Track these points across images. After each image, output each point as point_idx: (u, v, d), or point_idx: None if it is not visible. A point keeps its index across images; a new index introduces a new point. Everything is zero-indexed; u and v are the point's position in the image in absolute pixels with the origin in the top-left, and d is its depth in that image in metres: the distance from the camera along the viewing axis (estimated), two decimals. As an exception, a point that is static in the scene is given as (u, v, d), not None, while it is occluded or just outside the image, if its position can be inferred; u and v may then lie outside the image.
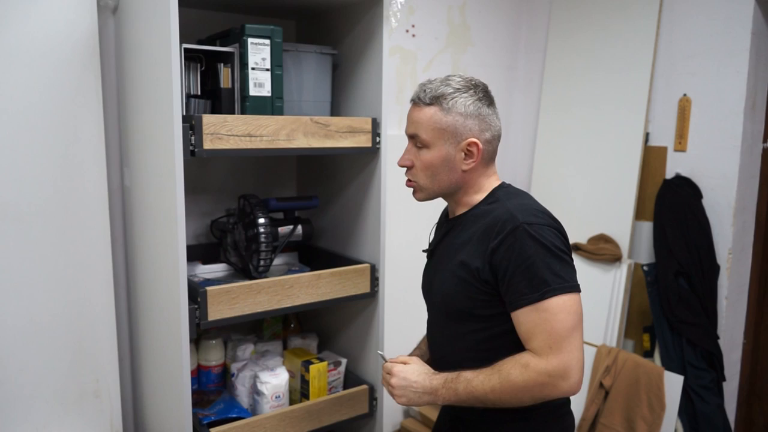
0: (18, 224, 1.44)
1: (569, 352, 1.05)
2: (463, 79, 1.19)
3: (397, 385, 1.16)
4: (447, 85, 1.17)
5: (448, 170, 1.18)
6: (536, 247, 1.07)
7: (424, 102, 1.18)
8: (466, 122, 1.15)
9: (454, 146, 1.16)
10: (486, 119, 1.17)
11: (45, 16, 1.43)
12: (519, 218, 1.09)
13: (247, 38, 1.37)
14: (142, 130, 1.44)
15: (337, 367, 1.67)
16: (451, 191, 1.21)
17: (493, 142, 1.20)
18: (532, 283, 1.06)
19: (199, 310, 1.32)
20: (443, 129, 1.16)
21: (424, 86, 1.20)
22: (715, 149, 2.08)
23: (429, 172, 1.19)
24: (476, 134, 1.16)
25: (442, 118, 1.16)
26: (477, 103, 1.17)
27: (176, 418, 1.36)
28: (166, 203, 1.31)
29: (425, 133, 1.17)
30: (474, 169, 1.18)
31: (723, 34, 2.03)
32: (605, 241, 2.29)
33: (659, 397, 1.99)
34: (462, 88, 1.17)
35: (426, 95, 1.18)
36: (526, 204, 1.15)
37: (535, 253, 1.07)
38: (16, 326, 1.46)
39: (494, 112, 1.20)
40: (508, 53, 2.56)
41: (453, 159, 1.17)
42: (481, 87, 1.20)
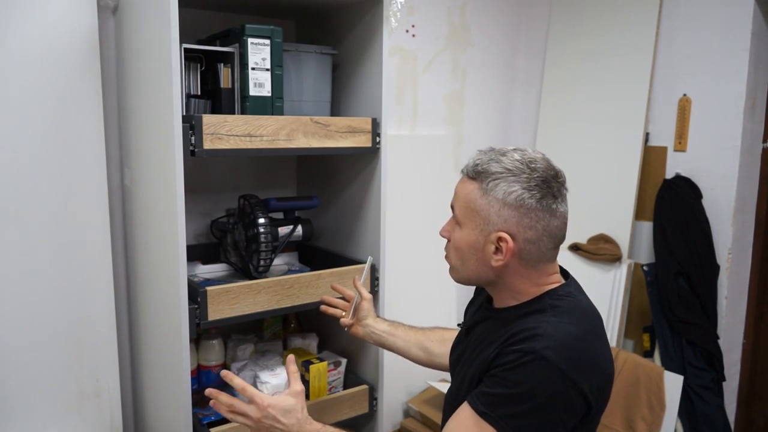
0: (18, 224, 1.44)
1: None
2: (521, 159, 0.99)
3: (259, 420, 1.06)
4: (498, 162, 0.99)
5: (477, 260, 1.02)
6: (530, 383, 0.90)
7: (468, 174, 1.03)
8: (501, 212, 0.97)
9: (484, 235, 1.00)
10: (531, 214, 0.97)
11: (45, 16, 1.43)
12: (539, 345, 0.91)
13: (247, 38, 1.37)
14: (142, 130, 1.44)
15: (337, 367, 1.67)
16: (486, 283, 1.06)
17: (539, 243, 0.99)
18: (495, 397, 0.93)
19: (199, 310, 1.32)
20: (476, 211, 1.00)
21: (478, 155, 1.03)
22: (715, 149, 2.08)
23: (459, 254, 1.05)
24: (511, 229, 0.97)
25: (478, 199, 0.99)
26: (524, 193, 0.97)
27: (176, 418, 1.36)
28: (166, 203, 1.31)
29: (459, 209, 1.03)
30: (509, 268, 1.00)
31: (723, 34, 2.03)
32: (605, 241, 2.29)
33: (659, 397, 1.99)
34: (513, 170, 0.98)
35: (473, 167, 1.02)
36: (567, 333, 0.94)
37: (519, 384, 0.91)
38: (16, 326, 1.46)
39: (548, 209, 0.98)
40: (508, 53, 2.56)
41: (482, 249, 1.00)
42: (539, 174, 0.98)
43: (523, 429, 0.91)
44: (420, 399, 2.25)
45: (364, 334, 1.42)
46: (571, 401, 0.92)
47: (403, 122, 2.23)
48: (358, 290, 1.43)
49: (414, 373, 2.24)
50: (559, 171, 1.03)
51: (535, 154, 1.01)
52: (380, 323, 1.43)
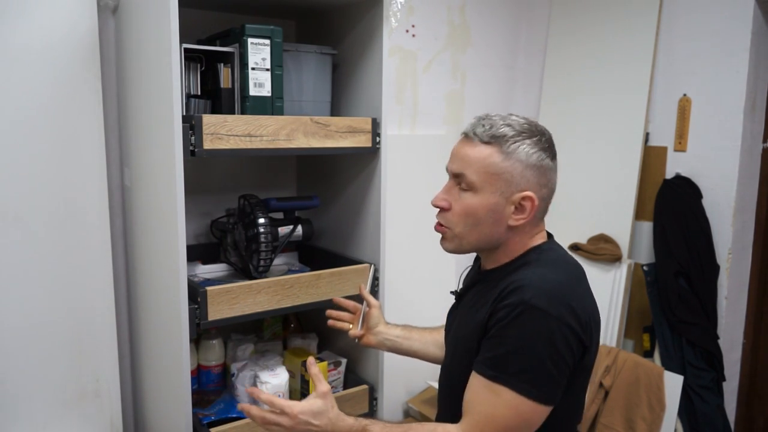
0: (18, 224, 1.44)
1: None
2: (527, 122, 1.06)
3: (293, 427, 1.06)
4: (509, 126, 1.03)
5: (493, 222, 1.04)
6: (527, 334, 0.95)
7: (481, 140, 1.03)
8: (525, 172, 1.01)
9: (505, 197, 1.02)
10: (546, 173, 1.04)
11: (45, 16, 1.43)
12: (527, 296, 0.96)
13: (247, 38, 1.37)
14: (142, 130, 1.44)
15: (337, 367, 1.67)
16: (488, 246, 1.08)
17: (548, 199, 1.07)
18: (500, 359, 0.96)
19: (199, 310, 1.32)
20: (497, 174, 1.01)
21: (482, 121, 1.05)
22: (715, 149, 2.08)
23: (470, 220, 1.04)
24: (534, 188, 1.02)
25: (500, 162, 1.01)
26: (541, 154, 1.03)
27: (176, 418, 1.36)
28: (166, 203, 1.31)
29: (475, 174, 1.02)
30: (522, 226, 1.05)
31: (723, 34, 2.03)
32: (605, 241, 2.29)
33: (659, 397, 1.99)
34: (526, 132, 1.03)
35: (484, 132, 1.03)
36: (551, 281, 0.99)
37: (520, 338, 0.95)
38: (16, 326, 1.46)
39: (555, 165, 1.06)
40: (508, 53, 2.56)
41: (501, 211, 1.03)
42: (547, 136, 1.06)
43: (536, 380, 0.94)
44: (420, 399, 2.25)
45: (377, 343, 1.38)
46: (568, 341, 0.96)
47: (403, 122, 2.23)
48: (366, 298, 1.41)
49: (414, 373, 2.25)
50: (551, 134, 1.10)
51: (529, 118, 1.09)
52: (393, 329, 1.39)
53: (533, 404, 0.95)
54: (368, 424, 1.07)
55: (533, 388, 0.95)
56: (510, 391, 0.95)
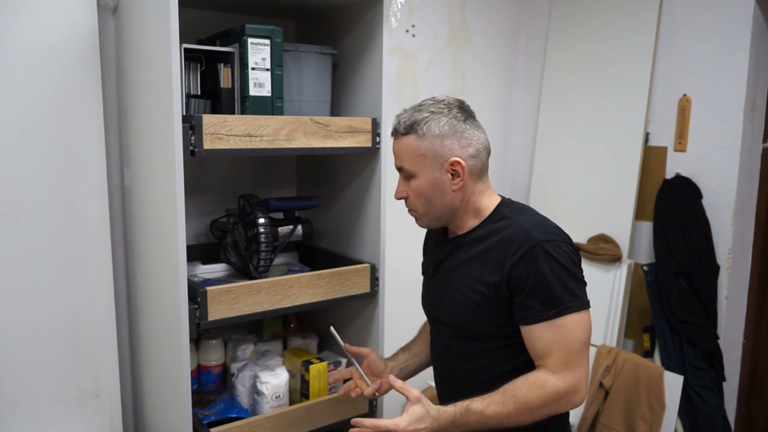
0: (18, 224, 1.44)
1: (582, 367, 1.10)
2: (435, 101, 1.19)
3: None
4: (419, 111, 1.17)
5: (440, 194, 1.18)
6: (554, 265, 1.09)
7: (401, 132, 1.19)
8: (444, 143, 1.16)
9: (438, 169, 1.17)
10: (464, 135, 1.17)
11: (45, 16, 1.43)
12: (536, 236, 1.11)
13: (247, 38, 1.37)
14: (142, 130, 1.44)
15: (337, 367, 1.67)
16: (450, 213, 1.22)
17: (479, 155, 1.20)
18: (550, 299, 1.09)
19: (199, 310, 1.32)
20: (423, 155, 1.17)
21: (399, 116, 1.20)
22: (715, 149, 2.08)
23: (423, 200, 1.20)
24: (457, 152, 1.16)
25: (420, 144, 1.16)
26: (452, 121, 1.16)
27: (176, 418, 1.36)
28: (166, 203, 1.31)
29: (408, 163, 1.19)
30: (465, 187, 1.19)
31: (723, 34, 2.03)
32: (605, 241, 2.29)
33: (659, 397, 1.99)
34: (435, 111, 1.17)
35: (401, 125, 1.19)
36: (539, 220, 1.17)
37: (552, 272, 1.09)
38: (17, 326, 1.46)
39: (473, 126, 1.19)
40: (508, 53, 2.56)
41: (441, 182, 1.17)
42: (455, 104, 1.19)
43: (578, 293, 1.11)
44: (420, 399, 2.24)
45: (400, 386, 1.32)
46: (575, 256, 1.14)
47: (403, 122, 2.23)
48: (356, 353, 1.41)
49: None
50: (463, 100, 1.22)
51: (439, 96, 1.21)
52: (397, 359, 1.44)
53: (584, 313, 1.11)
54: (468, 404, 1.12)
55: (580, 300, 1.10)
56: (570, 315, 1.09)
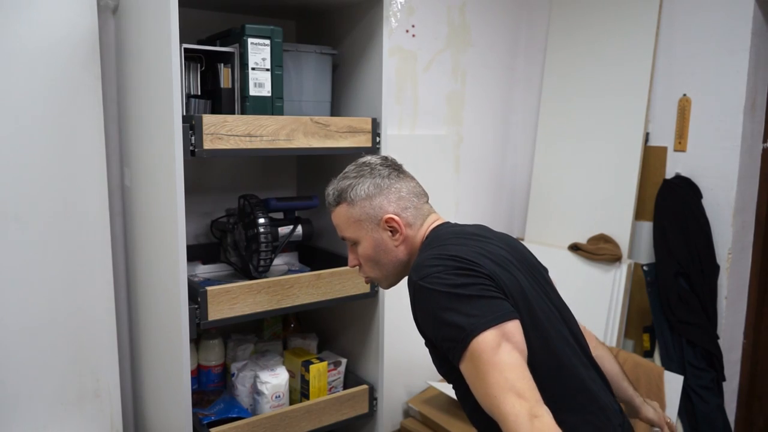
0: (18, 224, 1.44)
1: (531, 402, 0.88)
2: (356, 166, 1.21)
3: None
4: (344, 180, 1.20)
5: (385, 253, 1.18)
6: (436, 298, 0.98)
7: (333, 205, 1.21)
8: (373, 203, 1.16)
9: (376, 230, 1.17)
10: (390, 190, 1.17)
11: (45, 16, 1.43)
12: (414, 277, 1.03)
13: (247, 38, 1.37)
14: (142, 130, 1.44)
15: (337, 367, 1.67)
16: (403, 268, 1.20)
17: (408, 201, 1.18)
18: (451, 333, 0.96)
19: (199, 310, 1.32)
20: (358, 220, 1.18)
21: (327, 190, 1.23)
22: (715, 149, 2.07)
23: (372, 263, 1.20)
24: (388, 208, 1.16)
25: (352, 211, 1.18)
26: (375, 181, 1.18)
27: (176, 418, 1.36)
28: (166, 203, 1.31)
29: (347, 231, 1.20)
30: (407, 239, 1.17)
31: (723, 34, 2.03)
32: (605, 241, 2.28)
33: (659, 397, 1.99)
34: (357, 175, 1.19)
35: (330, 197, 1.21)
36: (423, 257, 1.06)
37: (437, 305, 0.97)
38: (17, 326, 1.46)
39: (398, 178, 1.20)
40: (508, 53, 2.56)
41: (383, 241, 1.17)
42: (376, 163, 1.21)
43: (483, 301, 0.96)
44: (420, 399, 2.25)
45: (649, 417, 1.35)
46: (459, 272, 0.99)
47: (403, 122, 2.23)
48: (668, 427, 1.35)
49: (414, 373, 2.25)
50: (386, 156, 1.25)
51: (360, 160, 1.23)
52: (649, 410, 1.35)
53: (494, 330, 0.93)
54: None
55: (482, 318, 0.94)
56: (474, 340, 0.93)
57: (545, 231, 2.48)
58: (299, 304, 1.47)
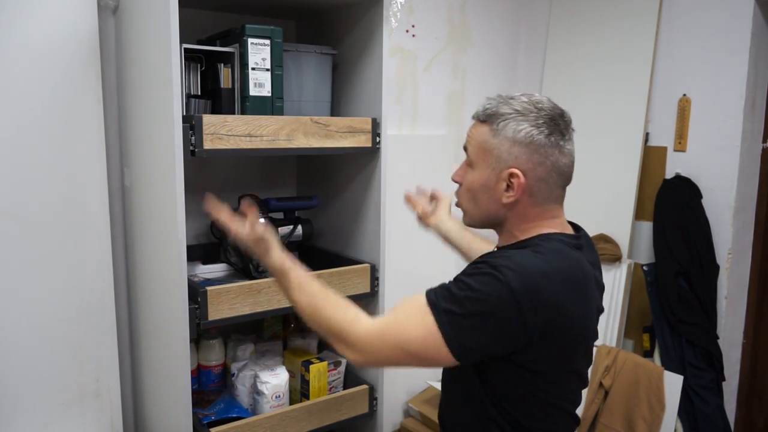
0: (18, 224, 1.44)
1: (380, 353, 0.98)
2: (528, 101, 1.04)
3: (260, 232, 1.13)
4: (507, 104, 1.04)
5: (488, 198, 1.06)
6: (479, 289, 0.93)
7: (480, 119, 1.07)
8: (512, 149, 1.02)
9: (496, 173, 1.04)
10: (541, 150, 1.01)
11: (45, 16, 1.43)
12: (499, 262, 0.95)
13: (248, 38, 1.37)
14: (142, 130, 1.44)
15: (337, 367, 1.67)
16: (494, 221, 1.09)
17: (549, 178, 1.04)
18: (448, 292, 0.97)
19: (199, 310, 1.32)
20: (488, 150, 1.04)
21: (487, 101, 1.08)
22: (715, 149, 2.08)
23: (470, 195, 1.09)
24: (522, 165, 1.01)
25: (490, 139, 1.04)
26: (533, 131, 1.01)
27: (176, 417, 1.36)
28: (166, 203, 1.31)
29: (473, 150, 1.08)
30: (517, 205, 1.04)
31: (723, 34, 2.03)
32: (605, 241, 2.28)
33: (659, 397, 1.99)
34: (522, 111, 1.02)
35: (483, 111, 1.07)
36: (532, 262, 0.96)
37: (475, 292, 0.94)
38: (17, 326, 1.46)
39: (557, 146, 1.02)
40: (508, 53, 2.56)
41: (493, 187, 1.05)
42: (546, 112, 1.02)
43: (460, 329, 0.94)
44: (420, 399, 2.25)
45: (434, 226, 1.44)
46: (510, 323, 0.93)
47: (403, 122, 2.23)
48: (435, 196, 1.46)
49: (414, 373, 2.25)
50: (564, 111, 1.06)
51: (541, 97, 1.05)
52: (452, 222, 1.42)
53: (441, 344, 0.94)
54: (299, 266, 1.13)
55: (452, 331, 0.93)
56: (433, 319, 0.94)
57: (545, 231, 2.48)
58: (299, 304, 1.47)
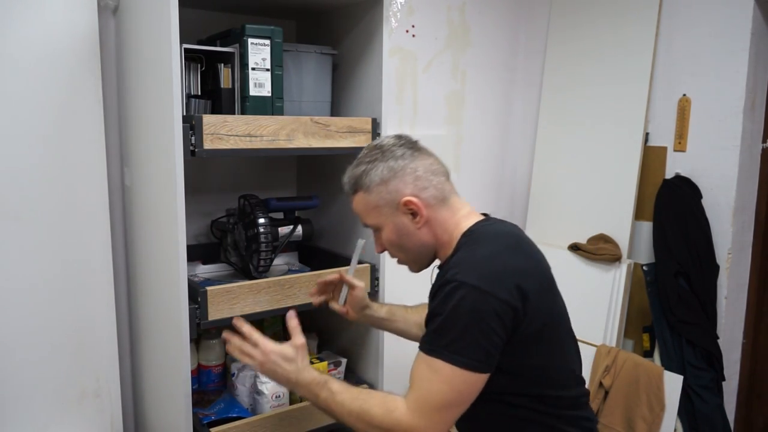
0: (18, 224, 1.44)
1: (433, 422, 1.01)
2: (368, 151, 1.18)
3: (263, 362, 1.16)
4: (357, 167, 1.18)
5: (408, 237, 1.16)
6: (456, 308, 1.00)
7: (350, 193, 1.20)
8: (389, 189, 1.14)
9: (396, 215, 1.15)
10: (404, 171, 1.13)
11: (45, 16, 1.43)
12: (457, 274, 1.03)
13: (248, 38, 1.37)
14: (142, 130, 1.44)
15: (337, 367, 1.67)
16: (430, 251, 1.18)
17: (431, 183, 1.14)
18: (434, 334, 1.03)
19: (199, 310, 1.32)
20: (376, 207, 1.16)
21: (343, 179, 1.21)
22: (715, 149, 2.08)
23: (397, 248, 1.19)
24: (405, 191, 1.13)
25: (369, 198, 1.16)
26: (389, 164, 1.14)
27: (176, 417, 1.36)
28: (166, 203, 1.31)
29: (369, 218, 1.19)
30: (430, 221, 1.15)
31: (723, 34, 2.03)
32: (605, 241, 2.29)
33: (659, 397, 1.99)
34: (370, 161, 1.16)
35: (348, 187, 1.20)
36: (478, 257, 1.06)
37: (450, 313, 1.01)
38: (17, 326, 1.46)
39: (414, 157, 1.15)
40: (507, 54, 2.56)
41: (404, 225, 1.15)
42: (387, 144, 1.17)
43: (465, 349, 1.00)
44: (420, 399, 2.24)
45: (363, 320, 1.45)
46: (494, 310, 1.00)
47: (403, 122, 2.23)
48: (348, 282, 1.43)
49: (414, 373, 2.24)
50: (401, 134, 1.20)
51: (376, 141, 1.20)
52: (378, 309, 1.45)
53: (464, 372, 1.00)
54: (329, 380, 1.15)
55: (463, 357, 1.00)
56: (442, 362, 1.01)
57: (545, 231, 2.48)
58: (299, 304, 1.47)
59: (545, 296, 1.10)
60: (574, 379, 1.18)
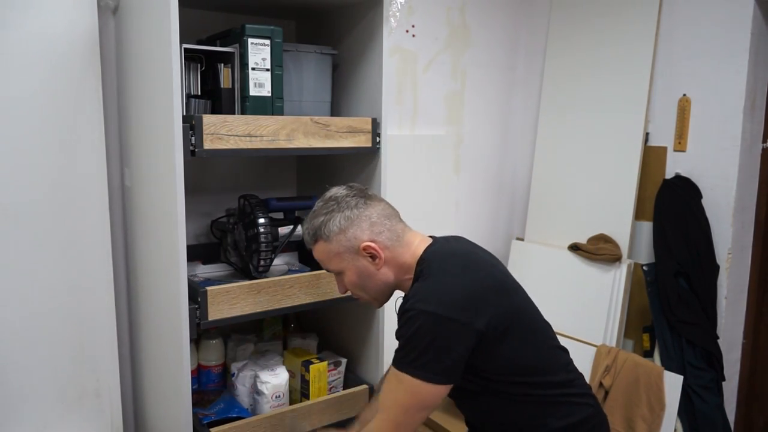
0: (18, 224, 1.44)
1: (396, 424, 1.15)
2: (323, 203, 1.26)
3: None
4: (315, 218, 1.25)
5: (370, 278, 1.25)
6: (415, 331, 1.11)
7: (311, 243, 1.27)
8: (348, 236, 1.22)
9: (356, 259, 1.23)
10: (360, 218, 1.22)
11: (45, 16, 1.43)
12: (413, 302, 1.13)
13: (248, 38, 1.37)
14: (142, 130, 1.44)
15: (337, 367, 1.67)
16: (391, 287, 1.28)
17: (385, 224, 1.24)
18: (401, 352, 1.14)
19: (199, 310, 1.32)
20: (337, 254, 1.24)
21: (302, 230, 1.30)
22: (715, 149, 2.08)
23: (359, 289, 1.28)
24: (363, 237, 1.22)
25: (330, 246, 1.23)
26: (345, 213, 1.22)
27: (176, 417, 1.36)
28: (166, 203, 1.31)
29: (331, 265, 1.26)
30: (389, 261, 1.24)
31: (723, 34, 2.03)
32: (605, 241, 2.28)
33: (659, 397, 1.99)
34: (327, 212, 1.23)
35: (308, 237, 1.27)
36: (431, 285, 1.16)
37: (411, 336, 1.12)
38: (17, 326, 1.46)
39: (366, 205, 1.24)
40: (507, 54, 2.56)
41: (365, 267, 1.24)
42: (340, 196, 1.25)
43: (425, 365, 1.11)
44: (420, 399, 2.24)
45: None
46: (453, 331, 1.11)
47: (403, 122, 2.23)
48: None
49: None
50: (352, 185, 1.29)
51: (330, 192, 1.28)
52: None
53: (428, 385, 1.12)
54: None
55: (427, 373, 1.11)
56: (408, 376, 1.12)
57: (545, 231, 2.48)
58: (299, 304, 1.47)
59: (503, 301, 1.17)
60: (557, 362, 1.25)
